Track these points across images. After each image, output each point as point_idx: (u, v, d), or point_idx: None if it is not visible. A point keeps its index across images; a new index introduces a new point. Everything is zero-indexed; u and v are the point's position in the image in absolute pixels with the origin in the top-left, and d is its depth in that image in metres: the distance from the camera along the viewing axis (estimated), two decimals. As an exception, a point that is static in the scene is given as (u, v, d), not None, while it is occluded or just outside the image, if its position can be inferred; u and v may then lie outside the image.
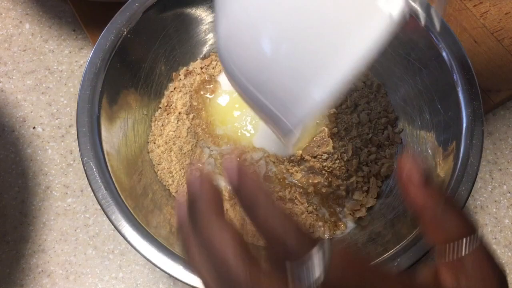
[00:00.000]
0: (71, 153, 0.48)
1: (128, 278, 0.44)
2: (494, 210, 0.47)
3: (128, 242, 0.34)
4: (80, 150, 0.36)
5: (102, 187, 0.35)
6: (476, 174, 0.36)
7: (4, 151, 0.48)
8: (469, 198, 0.47)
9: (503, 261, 0.45)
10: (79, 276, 0.44)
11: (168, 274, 0.34)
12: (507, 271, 0.45)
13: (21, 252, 0.45)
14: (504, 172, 0.49)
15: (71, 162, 0.48)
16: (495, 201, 0.48)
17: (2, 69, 0.52)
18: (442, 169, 0.37)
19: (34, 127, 0.49)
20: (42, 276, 0.44)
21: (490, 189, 0.48)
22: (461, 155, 0.36)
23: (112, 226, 0.45)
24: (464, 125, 0.37)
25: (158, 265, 0.33)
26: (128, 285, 0.44)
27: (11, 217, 0.46)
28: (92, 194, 0.47)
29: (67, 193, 0.47)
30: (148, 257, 0.34)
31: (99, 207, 0.46)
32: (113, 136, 0.39)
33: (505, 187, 0.48)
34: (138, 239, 0.34)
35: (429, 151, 0.39)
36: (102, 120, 0.38)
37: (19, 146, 0.49)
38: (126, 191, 0.36)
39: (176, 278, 0.34)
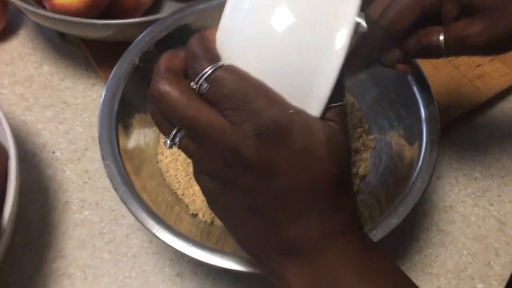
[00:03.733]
0: (86, 173, 0.55)
1: (140, 277, 0.49)
2: (462, 209, 0.54)
3: (145, 227, 0.40)
4: (101, 154, 0.43)
5: (122, 184, 0.41)
6: (435, 162, 0.43)
7: (27, 172, 0.54)
8: (439, 199, 0.54)
9: (472, 252, 0.51)
10: (96, 277, 0.49)
11: (179, 251, 0.39)
12: (476, 261, 0.51)
13: (43, 258, 0.50)
14: (468, 177, 0.56)
15: (87, 180, 0.54)
16: (462, 201, 0.54)
17: (24, 104, 0.59)
18: (409, 161, 0.44)
19: (53, 152, 0.56)
20: (63, 278, 0.49)
21: (456, 191, 0.55)
22: (423, 149, 0.43)
23: (125, 233, 0.52)
24: (424, 125, 0.44)
25: (172, 245, 0.39)
26: (140, 282, 0.49)
27: (34, 228, 0.51)
28: (106, 206, 0.53)
29: (84, 207, 0.53)
30: (163, 239, 0.39)
31: (113, 217, 0.52)
32: (128, 146, 0.45)
33: (469, 189, 0.55)
34: (153, 224, 0.40)
35: (398, 148, 0.46)
36: (120, 133, 0.45)
37: (40, 168, 0.55)
38: (142, 190, 0.43)
39: (186, 254, 0.39)
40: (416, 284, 0.31)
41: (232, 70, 0.28)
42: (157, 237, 0.40)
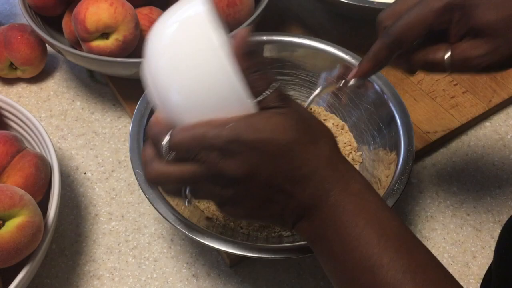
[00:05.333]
0: (113, 190, 0.63)
1: (160, 277, 0.56)
2: (441, 218, 0.61)
3: (168, 221, 0.48)
4: (132, 164, 0.51)
5: (149, 187, 0.50)
6: (411, 168, 0.51)
7: (62, 190, 0.62)
8: (422, 210, 0.62)
9: (451, 255, 0.59)
10: (122, 278, 0.56)
11: (198, 241, 0.47)
12: (455, 262, 0.58)
13: (76, 262, 0.57)
14: (446, 191, 0.64)
15: (114, 196, 0.62)
16: (442, 212, 0.62)
17: (60, 134, 0.68)
18: (390, 168, 0.52)
19: (85, 173, 0.65)
20: (93, 279, 0.56)
21: (437, 204, 0.63)
22: (401, 157, 0.52)
23: (147, 240, 0.59)
24: (402, 138, 0.53)
25: (191, 235, 0.47)
26: (161, 282, 0.56)
27: (69, 237, 0.59)
28: (130, 218, 0.61)
29: (111, 218, 0.61)
30: (183, 230, 0.47)
31: (136, 227, 0.60)
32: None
33: (448, 202, 0.63)
34: (175, 219, 0.48)
35: (381, 159, 0.55)
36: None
37: (73, 187, 0.63)
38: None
39: (204, 244, 0.47)
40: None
41: (178, 131, 0.36)
42: (178, 229, 0.47)
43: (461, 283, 0.56)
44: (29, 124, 0.58)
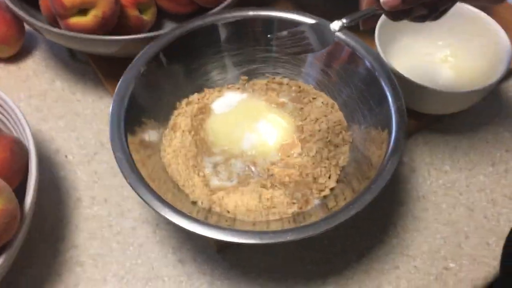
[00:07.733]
0: (96, 173, 0.61)
1: (145, 263, 0.55)
2: (433, 198, 0.60)
3: (151, 207, 0.46)
4: (112, 147, 0.49)
5: (130, 171, 0.47)
6: (403, 148, 0.49)
7: (42, 175, 0.60)
8: (413, 190, 0.60)
9: (444, 236, 0.57)
10: (106, 264, 0.55)
11: (182, 228, 0.45)
12: (447, 243, 0.57)
13: (58, 249, 0.55)
14: (439, 170, 0.62)
15: (96, 180, 0.60)
16: (434, 191, 0.60)
17: (39, 115, 0.66)
18: (382, 147, 0.50)
19: (66, 156, 0.62)
20: (76, 266, 0.54)
21: (429, 183, 0.61)
22: (392, 136, 0.50)
23: (131, 224, 0.57)
24: (393, 116, 0.51)
25: (175, 222, 0.45)
26: (146, 268, 0.54)
27: (49, 223, 0.57)
28: (114, 202, 0.59)
29: (93, 203, 0.59)
30: (167, 217, 0.45)
31: (119, 211, 0.58)
32: (134, 143, 0.52)
33: (440, 181, 0.61)
34: (158, 204, 0.46)
35: (372, 139, 0.53)
36: (128, 134, 0.51)
37: (53, 170, 0.61)
38: (148, 179, 0.49)
39: (188, 231, 0.45)
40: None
41: None
42: (162, 216, 0.45)
43: (454, 264, 0.56)
44: (5, 106, 0.55)
